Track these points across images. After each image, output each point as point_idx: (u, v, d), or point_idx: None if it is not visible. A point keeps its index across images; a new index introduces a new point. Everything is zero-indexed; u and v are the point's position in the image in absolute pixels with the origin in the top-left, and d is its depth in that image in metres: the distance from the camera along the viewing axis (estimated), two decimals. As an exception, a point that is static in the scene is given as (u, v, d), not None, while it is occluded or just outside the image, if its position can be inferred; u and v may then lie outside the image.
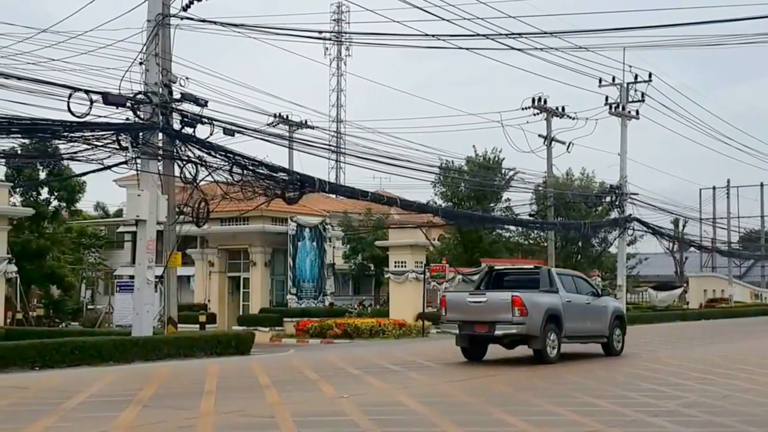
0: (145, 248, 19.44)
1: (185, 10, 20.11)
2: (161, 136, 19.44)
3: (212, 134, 19.74)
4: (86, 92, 17.09)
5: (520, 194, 79.12)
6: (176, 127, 19.55)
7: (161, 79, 19.27)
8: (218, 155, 20.06)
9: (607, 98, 37.72)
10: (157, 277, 20.32)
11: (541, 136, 36.11)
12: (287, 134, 37.36)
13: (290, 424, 9.11)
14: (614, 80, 37.63)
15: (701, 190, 69.15)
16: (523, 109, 35.04)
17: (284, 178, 22.29)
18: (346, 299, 44.95)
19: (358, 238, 43.40)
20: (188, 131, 19.58)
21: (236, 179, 21.17)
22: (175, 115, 19.56)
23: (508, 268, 20.91)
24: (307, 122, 40.15)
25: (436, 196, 43.72)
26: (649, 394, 11.84)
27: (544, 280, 17.28)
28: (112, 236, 49.72)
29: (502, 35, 23.89)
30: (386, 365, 16.50)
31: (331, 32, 58.23)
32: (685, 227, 58.10)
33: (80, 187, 36.74)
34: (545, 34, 25.01)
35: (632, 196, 39.43)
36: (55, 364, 16.54)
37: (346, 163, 56.10)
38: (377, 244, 40.38)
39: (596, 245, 46.52)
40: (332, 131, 51.63)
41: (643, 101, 38.55)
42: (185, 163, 19.73)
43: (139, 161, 19.01)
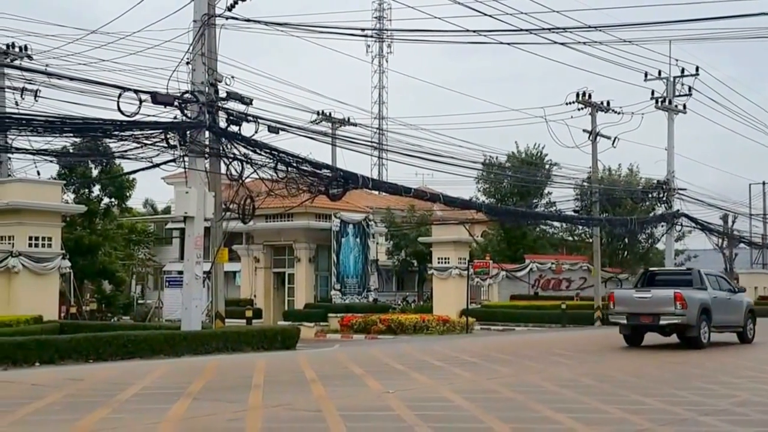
0: (193, 244, 19.66)
1: (230, 9, 20.35)
2: (208, 134, 19.65)
3: (257, 132, 20.05)
4: (135, 92, 17.43)
5: (564, 190, 78.47)
6: (222, 125, 19.79)
7: (207, 78, 19.45)
8: (263, 152, 20.28)
9: (653, 92, 37.34)
10: (204, 272, 20.56)
11: (585, 131, 35.80)
12: (330, 131, 37.65)
13: (336, 418, 9.15)
14: (660, 74, 37.23)
15: (751, 185, 67.85)
16: (567, 104, 34.77)
17: (328, 174, 22.46)
18: (389, 295, 45.11)
19: (401, 234, 43.51)
20: (234, 129, 19.81)
21: (281, 176, 21.36)
22: (221, 113, 19.79)
23: (661, 269, 25.71)
24: (349, 119, 40.39)
25: (479, 192, 43.71)
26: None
27: (695, 279, 20.53)
28: (160, 232, 50.54)
29: (545, 30, 23.81)
30: (431, 361, 16.48)
31: (372, 30, 58.38)
32: (734, 223, 57.15)
33: (130, 184, 37.36)
34: (589, 28, 24.85)
35: (680, 191, 38.95)
36: (108, 357, 16.79)
37: (388, 159, 56.31)
38: (420, 240, 40.49)
39: (643, 241, 46.03)
40: (375, 128, 51.82)
41: (690, 95, 38.08)
42: (231, 160, 19.95)
43: (186, 159, 19.26)
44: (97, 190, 36.62)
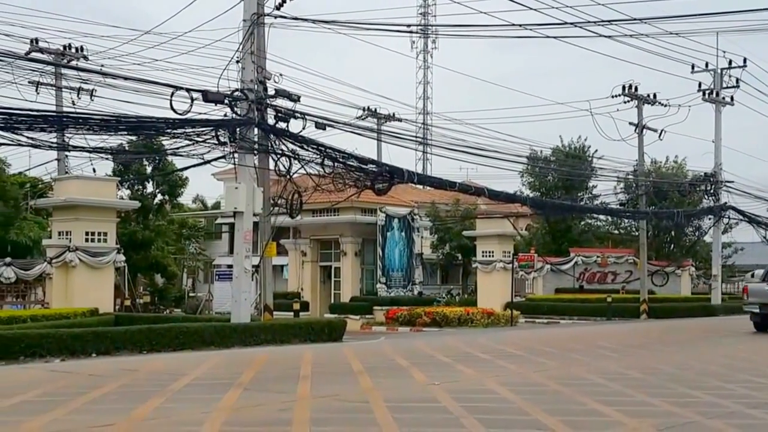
0: (242, 239, 19.87)
1: (278, 8, 20.44)
2: (257, 131, 19.85)
3: (304, 128, 20.25)
4: (187, 91, 17.71)
5: (609, 183, 77.66)
6: (271, 122, 20.00)
7: (257, 76, 19.63)
8: (310, 148, 20.46)
9: (700, 84, 36.92)
10: (253, 266, 20.75)
11: (631, 123, 35.53)
12: (376, 127, 37.88)
13: (383, 409, 9.22)
14: (707, 66, 36.80)
15: (800, 178, 66.61)
16: (613, 96, 34.56)
17: (374, 169, 22.58)
18: (434, 288, 45.30)
19: (445, 228, 43.64)
20: (282, 126, 20.03)
21: (327, 171, 21.54)
22: (269, 110, 19.97)
23: None
24: (394, 115, 40.57)
25: (523, 186, 43.62)
26: None
27: None
28: (210, 227, 51.33)
29: (590, 23, 23.73)
30: (476, 353, 16.48)
31: (418, 26, 58.38)
32: (784, 216, 56.12)
33: (182, 181, 37.81)
34: (635, 20, 24.72)
35: (727, 184, 38.47)
36: (161, 348, 17.08)
37: (433, 154, 56.33)
38: (465, 234, 40.59)
39: (690, 234, 45.55)
40: (419, 123, 51.91)
41: (737, 87, 37.59)
42: (279, 156, 20.14)
43: (236, 155, 19.51)
44: (150, 186, 37.21)
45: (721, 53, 36.87)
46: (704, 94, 37.00)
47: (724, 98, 37.74)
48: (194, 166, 20.34)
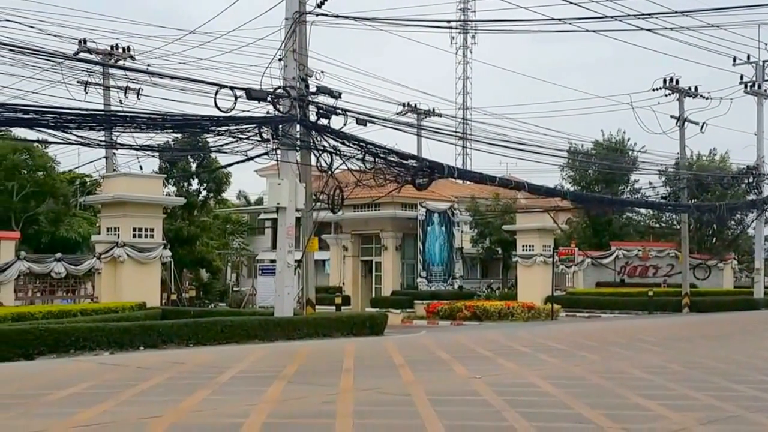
0: (285, 234, 20.08)
1: (320, 6, 20.60)
2: (299, 127, 20.03)
3: (346, 124, 20.39)
4: (231, 89, 17.86)
5: (651, 176, 76.85)
6: (312, 118, 20.13)
7: (298, 73, 19.84)
8: (351, 144, 20.58)
9: (741, 77, 36.57)
10: (296, 261, 20.90)
11: (673, 117, 35.28)
12: (416, 122, 38.03)
13: (425, 402, 9.25)
14: (749, 58, 36.42)
15: None
16: (653, 90, 34.33)
17: (414, 165, 22.62)
18: (474, 282, 45.33)
19: (485, 222, 43.64)
20: (324, 122, 20.16)
21: (368, 167, 21.66)
22: (311, 107, 20.12)
23: None
24: (434, 110, 40.71)
25: (564, 180, 43.47)
26: None
27: None
28: (254, 223, 51.85)
29: (630, 16, 23.63)
30: (517, 347, 16.43)
31: (457, 21, 58.31)
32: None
33: (226, 177, 38.31)
34: (675, 13, 24.56)
35: (770, 176, 38.08)
36: (206, 341, 17.36)
37: (472, 149, 56.35)
38: (505, 228, 40.56)
39: (732, 227, 45.06)
40: (459, 118, 51.96)
41: (779, 79, 37.17)
42: (321, 152, 20.30)
43: (278, 152, 19.72)
44: (195, 183, 37.63)
45: (762, 45, 36.54)
46: (746, 86, 36.67)
47: (766, 90, 37.27)
48: (238, 162, 20.56)
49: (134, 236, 25.04)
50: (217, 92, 17.73)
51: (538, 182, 30.08)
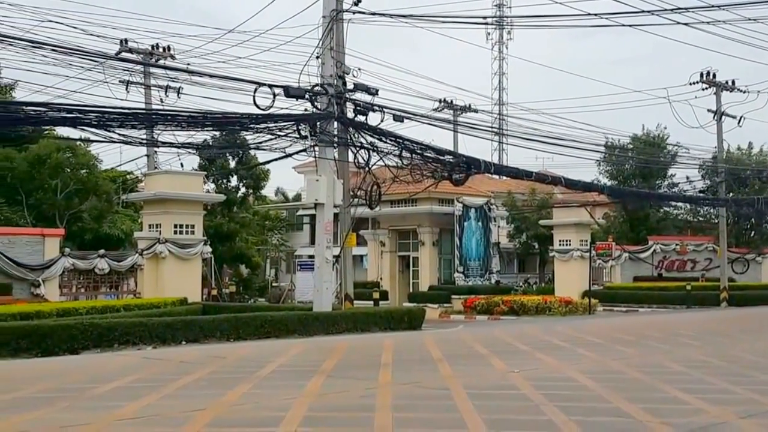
0: (323, 230, 20.23)
1: (356, 4, 20.70)
2: (336, 124, 20.16)
3: (383, 121, 20.50)
4: (270, 87, 18.08)
5: (687, 171, 76.12)
6: (350, 115, 20.28)
7: (336, 71, 19.96)
8: (388, 141, 20.69)
9: (780, 70, 36.17)
10: (334, 256, 21.02)
11: (710, 110, 34.96)
12: (452, 118, 38.05)
13: (463, 396, 9.29)
14: (789, 51, 35.97)
15: None
16: (690, 84, 34.06)
17: (451, 160, 22.73)
18: (510, 277, 45.28)
19: (522, 217, 43.58)
20: (361, 119, 20.31)
21: (405, 163, 21.83)
22: (348, 104, 20.27)
23: None
24: (470, 106, 40.68)
25: (600, 174, 43.24)
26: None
27: None
28: (292, 219, 52.21)
29: (667, 10, 23.46)
30: (555, 341, 16.42)
31: (493, 17, 58.17)
32: None
33: (265, 174, 38.54)
34: (713, 7, 24.33)
35: (808, 170, 37.54)
36: (246, 336, 17.51)
37: (509, 144, 56.37)
38: (541, 223, 40.47)
39: (771, 221, 44.47)
40: (495, 114, 51.86)
41: (819, 71, 36.65)
42: (358, 149, 20.43)
43: (316, 149, 19.88)
44: (234, 180, 37.90)
45: (801, 38, 35.94)
46: (785, 79, 36.17)
47: (806, 83, 36.78)
48: (276, 159, 20.85)
49: (175, 233, 25.37)
50: (255, 90, 17.95)
51: (574, 177, 30.01)
